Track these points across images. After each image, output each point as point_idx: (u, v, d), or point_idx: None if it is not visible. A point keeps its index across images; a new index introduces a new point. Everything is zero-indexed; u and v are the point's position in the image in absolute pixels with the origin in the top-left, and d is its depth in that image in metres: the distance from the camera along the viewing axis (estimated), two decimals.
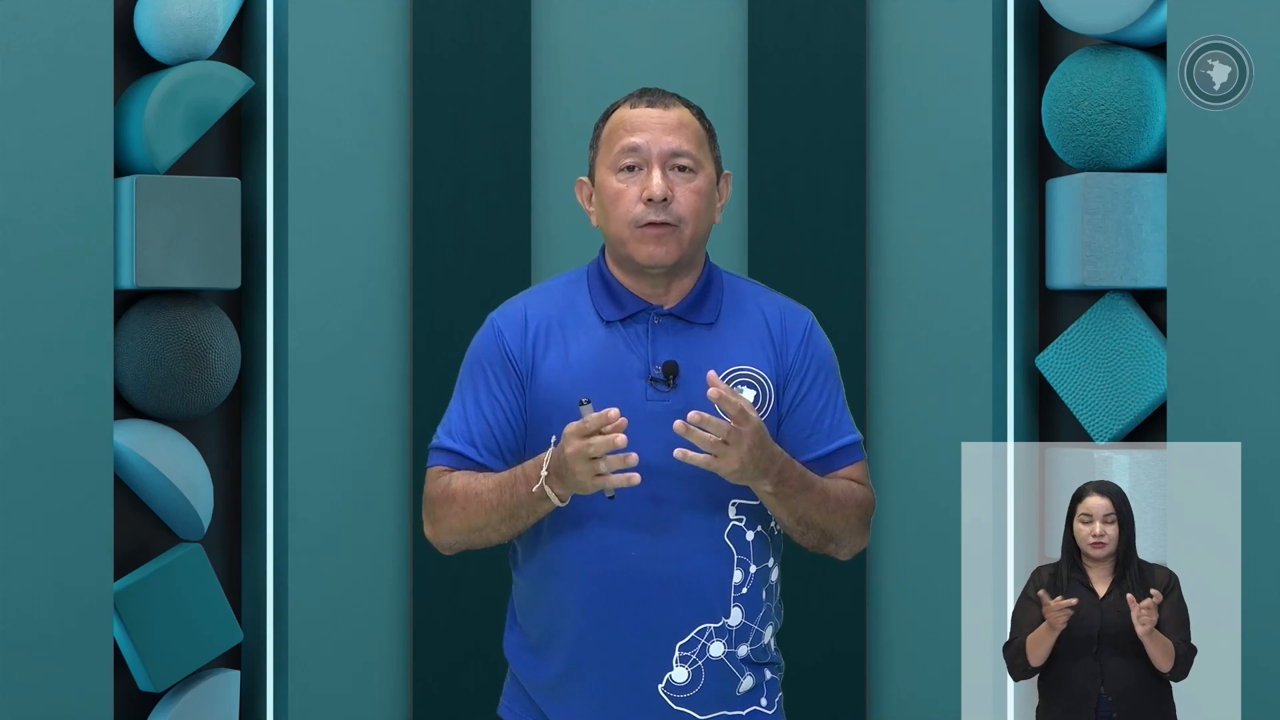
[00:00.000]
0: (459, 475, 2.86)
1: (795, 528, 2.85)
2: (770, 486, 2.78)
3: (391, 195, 4.77)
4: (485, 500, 2.81)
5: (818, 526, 2.84)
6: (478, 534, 2.85)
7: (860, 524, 2.90)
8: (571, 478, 2.72)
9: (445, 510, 2.86)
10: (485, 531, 2.84)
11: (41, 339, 4.44)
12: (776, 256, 4.80)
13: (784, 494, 2.79)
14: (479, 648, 4.73)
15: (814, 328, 2.94)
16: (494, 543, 2.86)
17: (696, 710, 2.85)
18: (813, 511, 2.83)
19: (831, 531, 2.86)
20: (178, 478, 4.61)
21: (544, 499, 2.76)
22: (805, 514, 2.83)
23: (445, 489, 2.86)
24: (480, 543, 2.86)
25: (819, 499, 2.83)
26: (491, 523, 2.82)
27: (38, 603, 4.44)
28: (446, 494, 2.85)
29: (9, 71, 4.43)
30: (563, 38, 4.85)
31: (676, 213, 2.83)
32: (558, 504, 2.76)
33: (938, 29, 4.75)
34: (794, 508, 2.81)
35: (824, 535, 2.86)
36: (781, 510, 2.82)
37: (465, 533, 2.86)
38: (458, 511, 2.84)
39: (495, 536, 2.85)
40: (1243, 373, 4.29)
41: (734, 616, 2.85)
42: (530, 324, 2.89)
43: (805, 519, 2.83)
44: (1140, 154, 4.57)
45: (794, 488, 2.80)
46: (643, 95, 2.89)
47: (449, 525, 2.86)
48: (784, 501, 2.80)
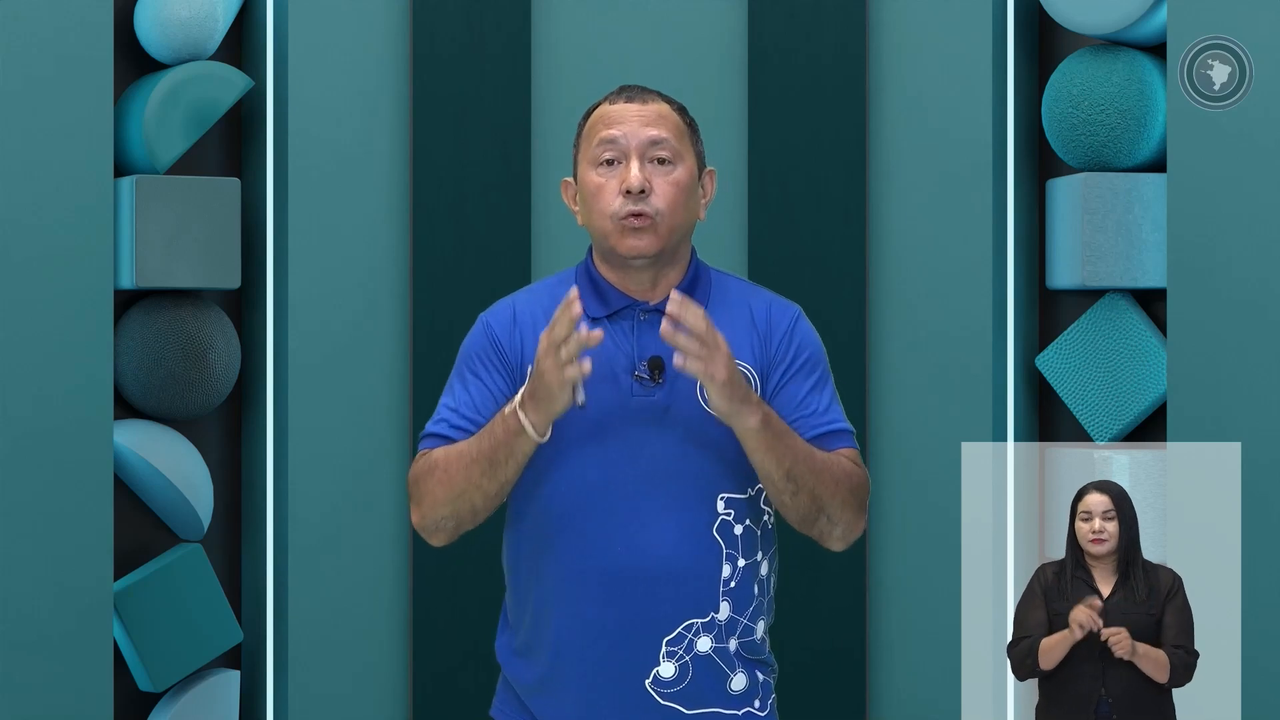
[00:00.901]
0: (439, 449, 2.85)
1: (784, 485, 2.77)
2: (757, 420, 2.72)
3: (391, 195, 4.77)
4: (464, 454, 2.78)
5: (807, 487, 2.78)
6: (462, 498, 2.80)
7: (851, 498, 2.83)
8: (544, 391, 2.69)
9: (428, 482, 2.81)
10: (469, 494, 2.79)
11: (41, 339, 4.44)
12: (776, 256, 4.80)
13: (770, 435, 2.74)
14: (478, 648, 4.73)
15: (800, 320, 2.91)
16: (480, 508, 2.81)
17: (684, 705, 2.84)
18: (800, 467, 2.77)
19: (821, 497, 2.79)
20: (178, 478, 4.61)
21: (520, 432, 2.73)
22: (792, 468, 2.76)
23: (427, 462, 2.83)
24: (465, 512, 2.81)
25: (806, 454, 2.78)
26: (473, 479, 2.77)
27: (38, 603, 4.44)
28: (428, 466, 2.82)
29: (9, 71, 4.43)
30: (563, 38, 4.85)
31: (655, 204, 2.82)
32: (535, 437, 2.73)
33: (938, 29, 4.75)
34: (780, 456, 2.75)
35: (814, 501, 2.79)
36: (769, 458, 2.76)
37: (449, 501, 2.81)
38: (440, 477, 2.80)
39: (479, 496, 2.79)
40: (1243, 373, 4.29)
41: (722, 611, 2.84)
42: (519, 320, 2.89)
43: (793, 471, 2.76)
44: (1140, 154, 4.57)
45: (779, 428, 2.75)
46: (621, 91, 2.89)
47: (433, 497, 2.82)
48: (772, 444, 2.74)
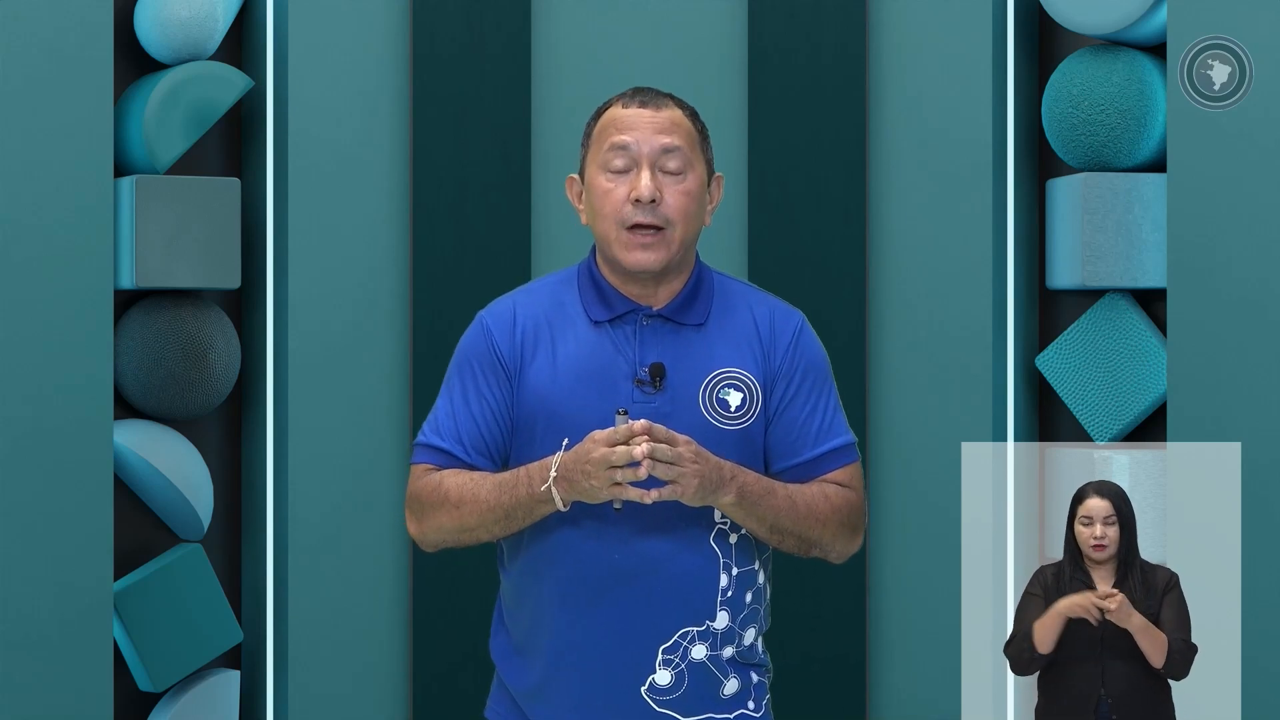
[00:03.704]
0: (449, 474, 2.85)
1: (770, 537, 2.83)
2: (732, 497, 2.76)
3: (391, 195, 4.77)
4: (482, 501, 2.80)
5: (792, 533, 2.82)
6: (468, 534, 2.84)
7: (842, 528, 2.86)
8: (584, 482, 2.71)
9: (436, 509, 2.84)
10: (476, 531, 2.83)
11: (41, 339, 4.44)
12: (776, 256, 4.80)
13: (748, 502, 2.78)
14: (478, 648, 4.71)
15: (804, 329, 2.92)
16: (481, 541, 2.86)
17: (680, 712, 2.84)
18: (783, 518, 2.81)
19: (809, 537, 2.84)
20: (178, 478, 4.61)
21: (546, 501, 2.75)
22: (775, 521, 2.81)
23: (436, 488, 2.84)
24: (469, 541, 2.86)
25: (786, 505, 2.81)
26: (485, 523, 2.81)
27: (38, 603, 4.44)
28: (438, 493, 2.83)
29: (9, 71, 4.43)
30: (563, 38, 4.85)
31: (665, 214, 2.82)
32: (560, 509, 2.76)
33: (938, 29, 4.75)
34: (762, 515, 2.79)
35: (802, 540, 2.84)
36: (750, 521, 2.80)
37: (455, 532, 2.84)
38: (450, 510, 2.83)
39: (485, 536, 2.84)
40: (1243, 373, 4.29)
41: (719, 620, 2.84)
42: (519, 323, 2.88)
43: (776, 526, 2.81)
44: (1140, 154, 4.57)
45: (755, 494, 2.78)
46: (635, 94, 2.87)
47: (438, 524, 2.85)
48: (750, 510, 2.78)
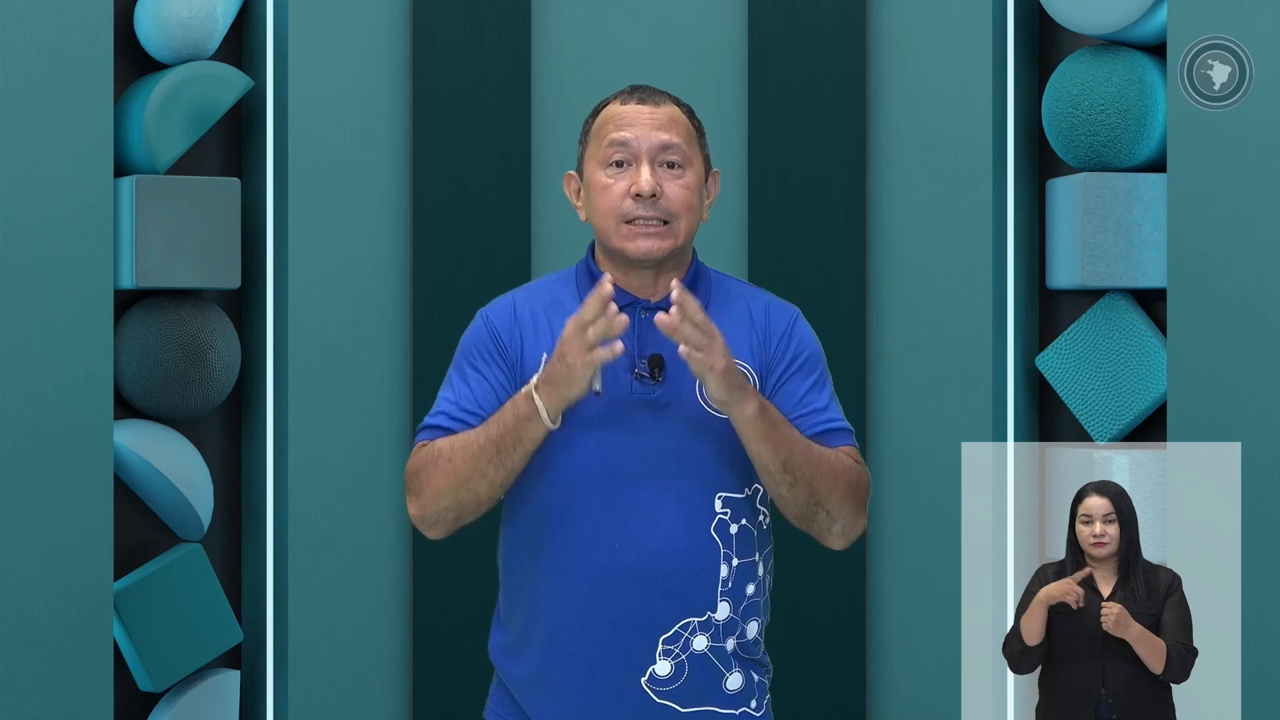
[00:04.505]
0: (442, 439, 2.85)
1: (781, 477, 2.78)
2: (753, 409, 2.73)
3: (391, 195, 4.77)
4: (471, 442, 2.78)
5: (805, 479, 2.78)
6: (466, 487, 2.79)
7: (850, 493, 2.83)
8: (561, 368, 2.70)
9: (432, 473, 2.81)
10: (474, 482, 2.78)
11: (41, 339, 4.44)
12: (776, 256, 4.80)
13: (767, 424, 2.74)
14: (478, 648, 4.72)
15: (799, 321, 2.92)
16: (482, 500, 2.80)
17: (679, 704, 2.84)
18: (797, 458, 2.77)
19: (819, 490, 2.79)
20: (178, 478, 4.61)
21: (532, 417, 2.73)
22: (789, 458, 2.77)
23: (430, 452, 2.82)
24: (469, 501, 2.80)
25: (803, 446, 2.78)
26: (479, 467, 2.77)
27: (38, 603, 4.44)
28: (431, 455, 2.81)
29: (9, 71, 4.43)
30: (563, 38, 4.85)
31: (665, 208, 2.83)
32: (547, 423, 2.73)
33: (938, 29, 4.75)
34: (777, 445, 2.76)
35: (812, 494, 2.79)
36: (766, 447, 2.76)
37: (453, 490, 2.80)
38: (444, 466, 2.79)
39: (484, 487, 2.79)
40: (1243, 373, 4.29)
41: (720, 611, 2.84)
42: (519, 316, 2.89)
43: (790, 464, 2.77)
44: (1140, 154, 4.57)
45: (775, 419, 2.76)
46: (633, 92, 2.89)
47: (435, 486, 2.81)
48: (767, 435, 2.75)
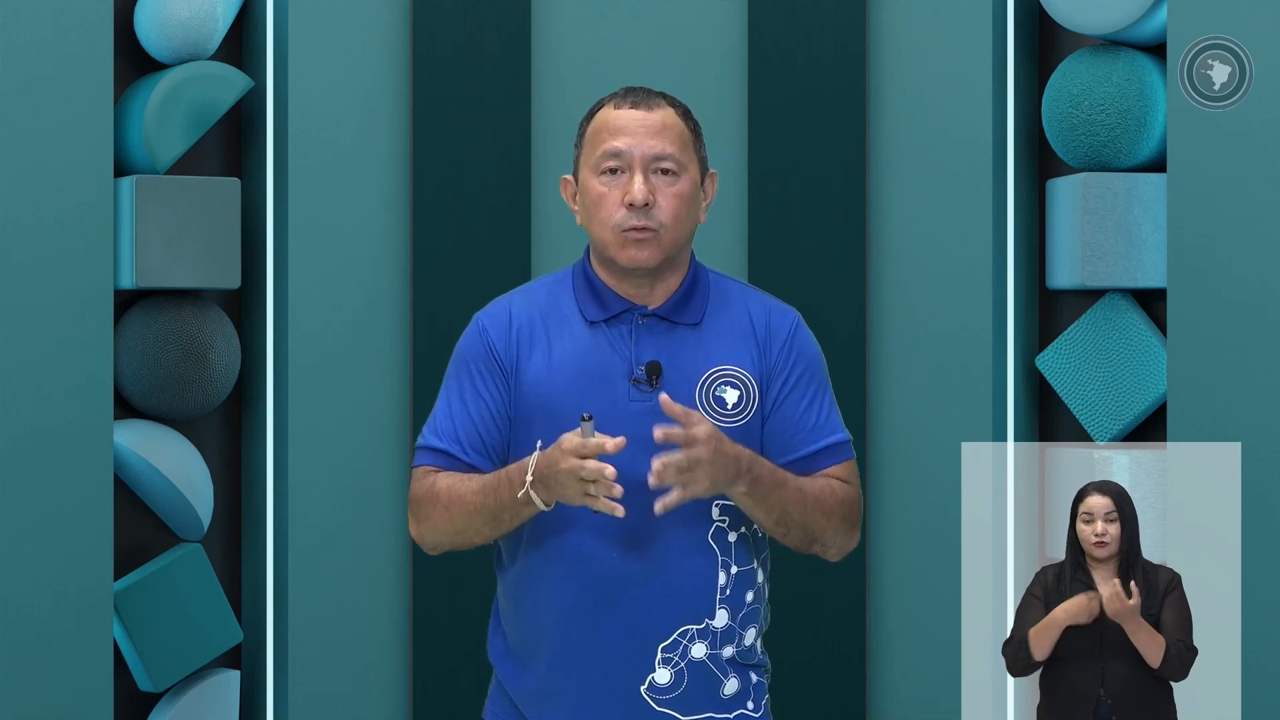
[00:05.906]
0: (444, 476, 2.85)
1: (775, 528, 2.82)
2: (744, 487, 2.76)
3: (391, 195, 4.77)
4: (469, 503, 2.81)
5: (798, 524, 2.82)
6: (461, 535, 2.84)
7: (843, 522, 2.86)
8: (558, 489, 2.71)
9: (431, 512, 2.85)
10: (469, 533, 2.83)
11: (41, 339, 4.44)
12: (776, 256, 4.80)
13: (759, 492, 2.77)
14: (478, 648, 4.71)
15: (799, 327, 2.92)
16: (478, 544, 2.86)
17: (680, 711, 2.84)
18: (790, 508, 2.80)
19: (813, 529, 2.83)
20: (178, 478, 4.61)
21: (528, 504, 2.75)
22: (783, 512, 2.80)
23: (430, 489, 2.85)
24: (465, 544, 2.86)
25: (795, 495, 2.81)
26: (475, 525, 2.81)
27: (38, 603, 4.44)
28: (431, 494, 2.84)
29: (9, 71, 4.43)
30: (563, 38, 4.85)
31: (658, 218, 2.82)
32: (543, 509, 2.76)
33: (938, 29, 4.75)
34: (770, 506, 2.79)
35: (806, 533, 2.84)
36: (759, 510, 2.79)
37: (450, 534, 2.85)
38: (441, 512, 2.83)
39: (479, 539, 2.84)
40: (1243, 373, 4.29)
41: (719, 619, 2.84)
42: (515, 322, 2.89)
43: (784, 517, 2.81)
44: (1140, 154, 4.57)
45: (767, 485, 2.78)
46: (627, 95, 2.87)
47: (433, 525, 2.86)
48: (760, 501, 2.78)
